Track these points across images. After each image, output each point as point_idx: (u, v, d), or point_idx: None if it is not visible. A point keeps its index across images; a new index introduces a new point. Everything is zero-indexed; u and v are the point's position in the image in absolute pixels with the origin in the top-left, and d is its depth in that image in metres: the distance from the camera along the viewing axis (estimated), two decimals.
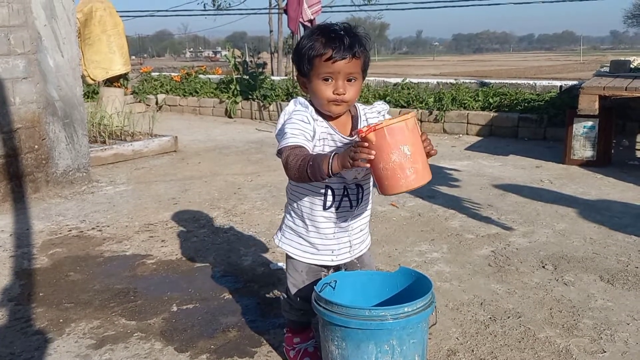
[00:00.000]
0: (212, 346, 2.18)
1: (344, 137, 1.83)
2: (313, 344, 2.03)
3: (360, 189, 1.90)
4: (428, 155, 1.69)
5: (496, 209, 3.96)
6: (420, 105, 7.56)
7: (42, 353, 2.14)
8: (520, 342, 2.21)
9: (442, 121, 7.32)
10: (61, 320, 2.39)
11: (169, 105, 9.74)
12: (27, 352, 2.15)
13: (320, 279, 1.97)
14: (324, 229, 1.90)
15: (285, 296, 2.02)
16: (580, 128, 5.26)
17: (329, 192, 1.86)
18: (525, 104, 7.07)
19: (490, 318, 2.40)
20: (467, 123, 7.20)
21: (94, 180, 4.72)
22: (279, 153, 1.77)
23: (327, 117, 1.82)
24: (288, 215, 1.98)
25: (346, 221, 1.92)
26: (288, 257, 1.98)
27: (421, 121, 7.46)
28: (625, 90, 4.81)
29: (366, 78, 1.91)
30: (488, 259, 3.05)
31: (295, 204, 1.94)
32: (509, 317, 2.40)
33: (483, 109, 7.26)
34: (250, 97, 8.88)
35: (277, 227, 2.07)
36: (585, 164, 5.24)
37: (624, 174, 4.93)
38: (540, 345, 2.18)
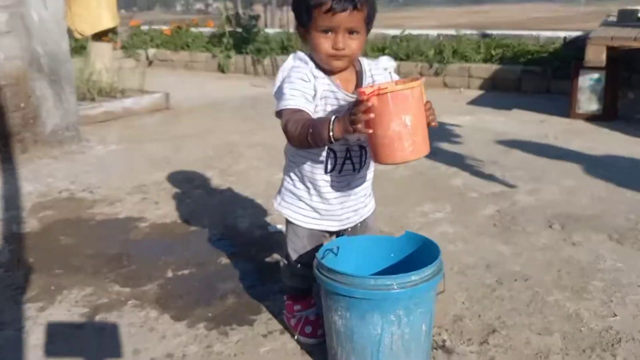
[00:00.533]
0: (209, 314, 2.09)
1: (347, 95, 1.70)
2: (314, 311, 1.95)
3: (364, 151, 1.78)
4: (428, 125, 1.57)
5: (500, 165, 3.84)
6: (420, 58, 7.34)
7: (33, 322, 2.05)
8: (528, 305, 2.13)
9: (443, 75, 7.12)
10: (52, 287, 2.30)
11: (160, 60, 9.47)
12: (17, 322, 2.06)
13: (322, 244, 1.88)
14: (326, 193, 1.79)
15: (285, 262, 1.93)
16: (586, 81, 5.09)
17: (331, 154, 1.74)
18: (529, 56, 6.86)
19: (496, 281, 2.31)
20: (469, 76, 7.00)
21: (84, 140, 4.56)
22: (278, 114, 1.64)
23: (329, 73, 1.69)
24: (287, 178, 1.86)
25: (349, 185, 1.81)
26: (288, 221, 1.88)
27: (421, 74, 7.25)
28: (634, 40, 4.63)
29: None
30: (493, 219, 2.95)
31: (295, 167, 1.82)
32: (516, 280, 2.32)
33: (485, 61, 7.06)
34: (243, 51, 8.61)
35: (276, 189, 1.96)
36: (591, 118, 5.10)
37: (630, 129, 4.80)
38: (549, 309, 2.10)
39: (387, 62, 1.78)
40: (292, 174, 1.83)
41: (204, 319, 2.06)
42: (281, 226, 2.87)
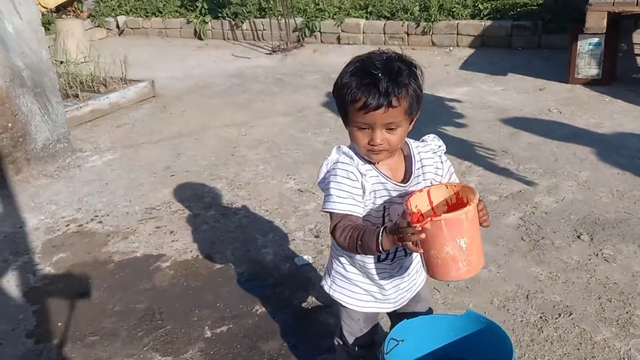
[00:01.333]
0: None
1: (397, 185, 1.61)
2: None
3: None
4: (482, 225, 1.51)
5: (512, 155, 3.79)
6: (406, 16, 7.11)
7: None
8: (579, 349, 2.14)
9: (431, 33, 6.92)
10: None
11: (132, 29, 9.02)
12: None
13: (377, 323, 1.84)
14: (379, 280, 1.72)
15: (341, 342, 1.88)
16: (585, 45, 4.99)
17: None
18: (518, 9, 6.70)
19: (540, 318, 2.31)
20: (457, 34, 6.82)
21: (77, 150, 4.36)
22: (326, 210, 1.57)
23: (376, 162, 1.58)
24: (337, 261, 1.78)
25: (401, 267, 1.74)
26: (341, 305, 1.81)
27: (407, 34, 7.05)
28: (637, 5, 4.51)
29: None
30: (520, 231, 2.92)
31: (344, 251, 1.74)
32: (560, 315, 2.32)
33: (473, 16, 6.87)
34: (220, 15, 8.23)
35: (289, 201, 1.87)
36: (590, 83, 5.03)
37: (631, 94, 4.76)
38: (600, 352, 2.11)
39: (435, 143, 1.68)
40: (341, 258, 1.75)
41: None
42: (307, 257, 2.83)
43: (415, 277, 1.82)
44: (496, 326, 1.69)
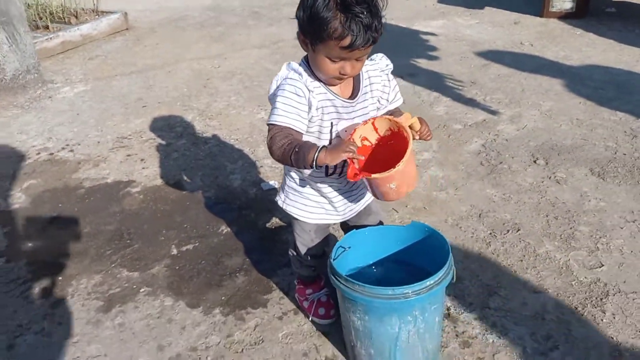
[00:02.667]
0: (222, 297, 2.18)
1: (345, 101, 1.67)
2: (325, 292, 2.05)
3: None
4: (425, 139, 1.69)
5: (480, 86, 3.85)
6: None
7: (51, 322, 2.11)
8: (522, 260, 2.27)
9: None
10: (60, 278, 2.33)
11: None
12: (36, 323, 2.11)
13: (329, 234, 1.94)
14: (328, 193, 1.81)
15: (295, 253, 1.98)
16: None
17: None
18: None
19: (490, 234, 2.43)
20: None
21: (48, 81, 4.35)
22: (269, 123, 1.61)
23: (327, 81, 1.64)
24: (289, 177, 1.86)
25: (348, 184, 1.83)
26: (294, 218, 1.90)
27: None
28: None
29: None
30: (480, 157, 3.02)
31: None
32: (508, 231, 2.44)
33: None
34: None
35: (259, 132, 1.93)
36: (564, 17, 5.05)
37: (603, 27, 4.79)
38: (542, 263, 2.25)
39: (384, 62, 1.73)
40: (293, 173, 1.83)
41: (219, 304, 2.14)
42: (273, 182, 2.91)
43: (363, 190, 1.90)
44: (437, 233, 1.80)
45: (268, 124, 1.61)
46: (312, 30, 1.51)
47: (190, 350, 1.96)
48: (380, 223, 2.02)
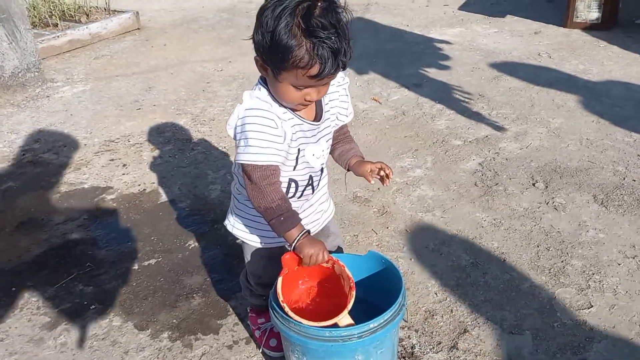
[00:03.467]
0: (174, 320, 2.04)
1: (311, 124, 1.54)
2: None
3: (322, 170, 1.65)
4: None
5: (488, 99, 3.63)
6: None
7: None
8: (502, 295, 2.07)
9: None
10: (14, 289, 2.23)
11: None
12: None
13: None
14: None
15: (245, 281, 1.83)
16: None
17: (292, 184, 1.60)
18: None
19: (472, 263, 2.24)
20: None
21: (49, 80, 4.30)
22: (239, 162, 1.47)
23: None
24: (238, 199, 1.71)
25: (305, 205, 1.67)
26: (244, 242, 1.75)
27: None
28: None
29: None
30: (475, 176, 2.82)
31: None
32: (492, 262, 2.24)
33: None
34: None
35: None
36: (589, 28, 4.77)
37: (629, 40, 4.50)
38: (523, 300, 2.04)
39: (340, 77, 1.57)
40: (242, 195, 1.68)
41: (168, 327, 2.01)
42: None
43: (320, 207, 1.75)
44: (393, 267, 1.62)
45: (244, 164, 1.46)
46: (274, 58, 1.34)
47: None
48: (339, 248, 1.86)
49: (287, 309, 1.44)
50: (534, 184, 2.72)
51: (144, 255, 2.39)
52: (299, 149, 1.54)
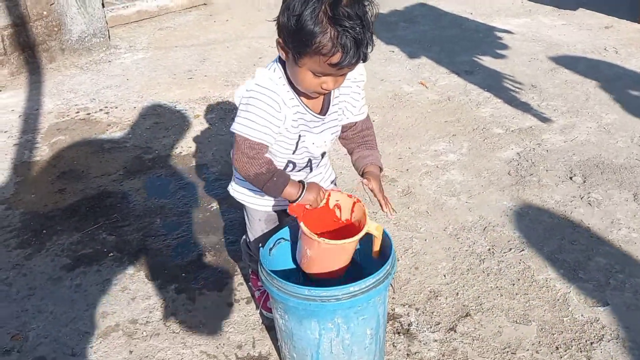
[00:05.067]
0: (183, 274, 2.10)
1: (315, 116, 1.53)
2: None
3: (322, 155, 1.65)
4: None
5: (539, 91, 3.48)
6: None
7: (17, 273, 2.14)
8: (514, 284, 1.99)
9: None
10: (44, 232, 2.37)
11: None
12: (4, 271, 2.15)
13: (281, 225, 1.79)
14: None
15: (245, 246, 1.86)
16: None
17: (290, 165, 1.61)
18: None
19: (488, 250, 2.17)
20: None
21: (113, 46, 4.49)
22: (233, 130, 1.49)
23: (300, 93, 1.48)
24: None
25: (305, 173, 1.68)
26: (244, 206, 1.77)
27: None
28: None
29: None
30: (510, 165, 2.72)
31: None
32: (510, 250, 2.16)
33: None
34: None
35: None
36: None
37: None
38: (536, 291, 1.96)
39: (357, 73, 1.54)
40: None
41: (176, 280, 2.07)
42: None
43: (319, 176, 1.74)
44: (386, 235, 1.59)
45: (237, 133, 1.47)
46: (297, 42, 1.33)
47: (130, 322, 1.90)
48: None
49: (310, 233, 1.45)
50: (571, 178, 2.59)
51: (168, 212, 2.47)
52: (299, 135, 1.53)
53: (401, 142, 2.97)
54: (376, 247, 1.56)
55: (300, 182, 1.50)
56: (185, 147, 3.02)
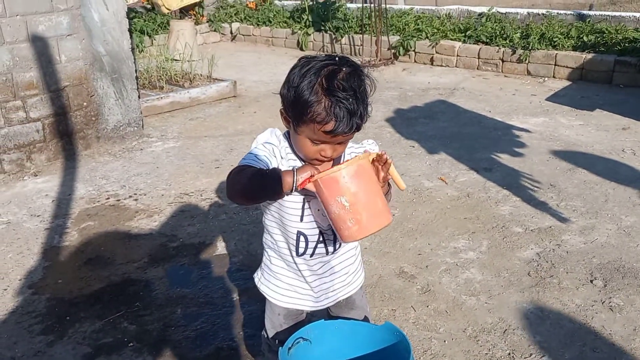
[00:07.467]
0: None
1: None
2: None
3: (334, 232, 1.69)
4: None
5: (558, 190, 3.53)
6: (504, 42, 6.86)
7: None
8: None
9: (527, 62, 6.61)
10: (67, 318, 2.42)
11: (243, 35, 9.54)
12: (27, 357, 2.18)
13: (302, 321, 1.82)
14: (301, 273, 1.71)
15: (265, 335, 1.88)
16: None
17: (302, 238, 1.66)
18: (626, 44, 6.21)
19: (509, 354, 2.14)
20: (555, 65, 6.46)
21: (145, 135, 4.71)
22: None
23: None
24: (266, 253, 1.79)
25: (325, 266, 1.72)
26: (266, 298, 1.82)
27: (502, 61, 6.79)
28: None
29: (448, 7, 1.53)
30: (530, 266, 2.73)
31: (271, 242, 1.75)
32: (530, 355, 2.13)
33: (575, 48, 6.46)
34: (322, 28, 8.48)
35: None
36: None
37: None
38: None
39: (370, 149, 1.64)
40: (269, 251, 1.76)
41: None
42: None
43: (345, 278, 1.78)
44: (406, 342, 1.61)
45: (233, 167, 1.55)
46: (295, 111, 1.46)
47: None
48: (366, 319, 1.86)
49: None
50: (591, 281, 2.58)
51: (189, 303, 2.51)
52: (304, 199, 1.58)
53: (421, 238, 3.01)
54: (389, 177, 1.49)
55: (292, 168, 1.47)
56: (209, 236, 3.10)
